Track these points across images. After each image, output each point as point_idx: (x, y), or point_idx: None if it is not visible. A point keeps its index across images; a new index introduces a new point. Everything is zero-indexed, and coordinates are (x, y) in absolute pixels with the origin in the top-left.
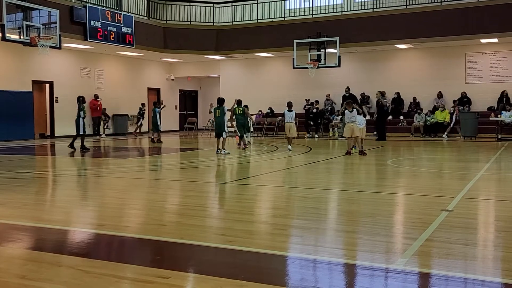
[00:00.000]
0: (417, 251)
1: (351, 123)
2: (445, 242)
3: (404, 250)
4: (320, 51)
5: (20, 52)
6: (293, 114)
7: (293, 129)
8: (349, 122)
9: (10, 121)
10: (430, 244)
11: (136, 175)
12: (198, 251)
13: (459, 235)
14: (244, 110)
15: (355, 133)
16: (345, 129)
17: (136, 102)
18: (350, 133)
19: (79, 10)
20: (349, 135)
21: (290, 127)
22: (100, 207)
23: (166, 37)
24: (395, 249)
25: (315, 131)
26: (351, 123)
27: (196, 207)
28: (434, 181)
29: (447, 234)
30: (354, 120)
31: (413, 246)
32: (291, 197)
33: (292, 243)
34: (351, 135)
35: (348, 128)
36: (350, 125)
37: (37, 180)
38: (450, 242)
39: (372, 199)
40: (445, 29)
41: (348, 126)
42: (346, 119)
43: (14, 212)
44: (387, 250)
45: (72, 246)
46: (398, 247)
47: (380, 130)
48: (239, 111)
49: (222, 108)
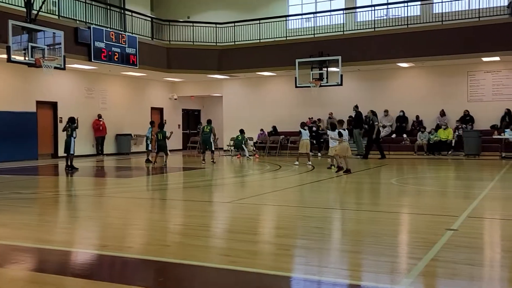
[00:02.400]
0: (422, 271)
1: (345, 141)
2: (450, 262)
3: (409, 270)
4: (322, 70)
5: (24, 73)
6: (308, 132)
7: (309, 146)
8: (345, 141)
9: (14, 141)
10: (435, 264)
11: (139, 194)
12: (201, 272)
13: (464, 255)
14: (212, 129)
15: (349, 152)
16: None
17: (139, 122)
18: (345, 151)
19: (84, 31)
20: (344, 153)
21: (307, 144)
22: (103, 227)
23: (169, 57)
24: (400, 269)
25: (318, 150)
26: (345, 141)
27: (199, 227)
28: (438, 200)
29: (452, 254)
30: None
31: (418, 266)
32: (294, 216)
33: (296, 263)
34: (346, 154)
35: (344, 147)
36: (345, 144)
37: (40, 201)
38: (455, 262)
39: (376, 219)
40: (447, 48)
41: (344, 145)
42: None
43: (16, 233)
44: (392, 271)
45: (75, 268)
46: (403, 267)
47: (369, 148)
48: (206, 129)
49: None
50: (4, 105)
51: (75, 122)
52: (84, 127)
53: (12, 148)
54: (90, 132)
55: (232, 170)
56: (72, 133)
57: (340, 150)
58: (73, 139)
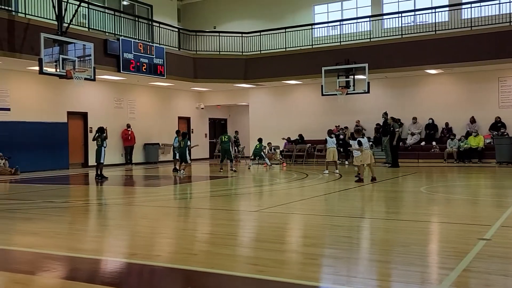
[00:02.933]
0: (454, 282)
1: (368, 149)
2: (483, 273)
3: (440, 280)
4: (349, 78)
5: (56, 85)
6: (334, 140)
7: (335, 154)
8: (366, 149)
9: (46, 151)
10: (468, 274)
11: (166, 203)
12: (228, 281)
13: (498, 265)
14: (230, 138)
15: (371, 159)
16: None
17: (167, 131)
18: (367, 159)
19: (113, 43)
20: (367, 161)
21: (334, 152)
22: (132, 236)
23: (196, 66)
24: (431, 279)
25: (345, 158)
26: (367, 149)
27: (227, 235)
28: (470, 209)
29: (485, 264)
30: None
31: (449, 277)
32: (321, 225)
33: (324, 273)
34: (369, 162)
35: (366, 155)
36: (367, 151)
37: (71, 210)
38: (488, 273)
39: (405, 228)
40: (477, 54)
41: (366, 153)
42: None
43: (48, 242)
44: (422, 281)
45: (104, 276)
46: (434, 278)
47: (395, 156)
48: (225, 138)
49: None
50: (36, 116)
51: (104, 132)
52: (113, 137)
53: (44, 158)
54: (119, 142)
55: (259, 179)
56: (102, 142)
57: (363, 158)
58: (103, 149)
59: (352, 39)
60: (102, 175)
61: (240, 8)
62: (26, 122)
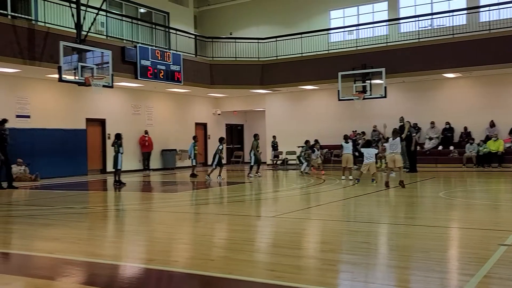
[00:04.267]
0: None
1: (393, 153)
2: (505, 279)
3: (460, 287)
4: (366, 83)
5: (74, 92)
6: (350, 145)
7: (350, 160)
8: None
9: (65, 157)
10: (489, 281)
11: (184, 209)
12: (246, 286)
13: None
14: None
15: (398, 164)
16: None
17: (184, 137)
18: (392, 164)
19: (130, 50)
20: (392, 166)
21: (348, 158)
22: (150, 241)
23: (212, 73)
24: (451, 285)
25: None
26: (393, 153)
27: (244, 241)
28: (490, 214)
29: (507, 270)
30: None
31: (470, 283)
32: (339, 231)
33: (342, 279)
34: (393, 166)
35: (391, 159)
36: (391, 156)
37: (90, 215)
38: (510, 279)
39: (424, 233)
40: (496, 57)
41: (390, 157)
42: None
43: (68, 247)
44: (442, 287)
45: (123, 281)
46: (454, 284)
47: (411, 161)
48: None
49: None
50: (55, 123)
51: (120, 138)
52: (131, 143)
53: (63, 164)
54: (137, 148)
55: (277, 184)
56: (119, 149)
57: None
58: (120, 155)
59: (368, 43)
60: (120, 181)
61: (256, 14)
62: (45, 129)
